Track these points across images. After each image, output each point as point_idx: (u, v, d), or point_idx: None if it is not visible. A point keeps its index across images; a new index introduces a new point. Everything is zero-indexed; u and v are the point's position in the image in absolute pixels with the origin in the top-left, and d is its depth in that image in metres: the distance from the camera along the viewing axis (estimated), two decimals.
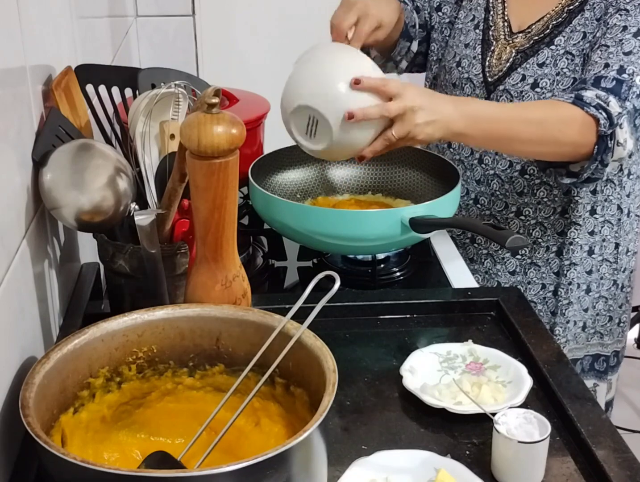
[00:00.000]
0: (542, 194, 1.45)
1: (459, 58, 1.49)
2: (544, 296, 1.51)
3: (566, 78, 1.37)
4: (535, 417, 0.91)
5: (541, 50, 1.40)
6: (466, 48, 1.48)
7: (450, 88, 1.50)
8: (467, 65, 1.48)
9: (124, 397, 0.90)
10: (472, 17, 1.50)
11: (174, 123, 1.07)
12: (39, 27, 1.07)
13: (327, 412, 0.74)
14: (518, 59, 1.42)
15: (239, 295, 0.97)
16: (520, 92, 1.41)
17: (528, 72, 1.40)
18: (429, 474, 0.88)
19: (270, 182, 1.50)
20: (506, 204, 1.47)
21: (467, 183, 1.51)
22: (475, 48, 1.47)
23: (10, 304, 0.88)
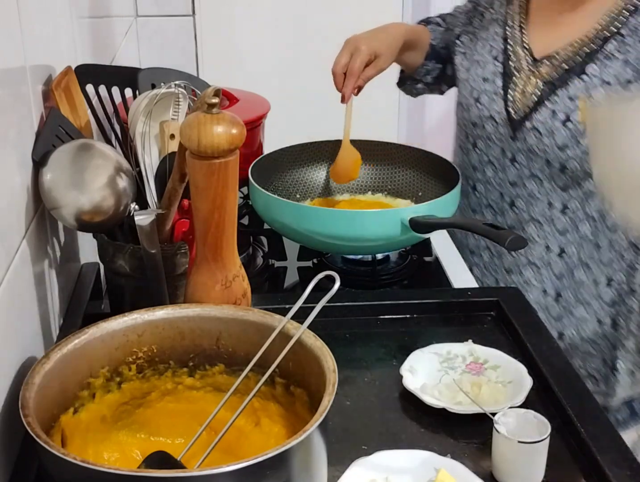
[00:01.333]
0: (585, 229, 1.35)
1: (477, 94, 1.40)
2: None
3: None
4: (535, 417, 0.91)
5: (571, 80, 1.29)
6: (485, 82, 1.39)
7: (470, 127, 1.43)
8: (487, 102, 1.38)
9: (124, 397, 0.90)
10: (490, 48, 1.41)
11: (174, 123, 1.07)
12: (39, 27, 1.07)
13: (327, 412, 0.74)
14: (545, 91, 1.31)
15: (239, 295, 0.97)
16: (550, 129, 1.30)
17: (558, 107, 1.29)
18: (429, 474, 0.88)
19: (270, 182, 1.50)
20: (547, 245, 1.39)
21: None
22: (494, 82, 1.37)
23: (10, 304, 0.88)
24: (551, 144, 1.31)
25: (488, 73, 1.39)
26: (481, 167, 1.43)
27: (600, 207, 1.33)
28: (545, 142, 1.31)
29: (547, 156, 1.32)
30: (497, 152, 1.39)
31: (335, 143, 1.56)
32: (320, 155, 1.57)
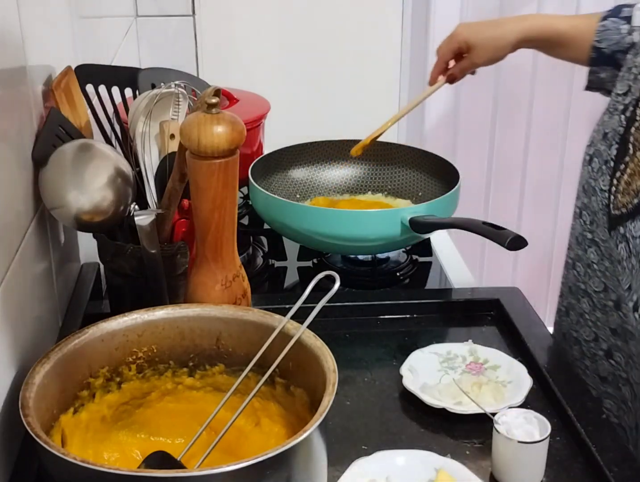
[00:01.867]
0: None
1: (593, 151, 1.06)
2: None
3: None
4: (535, 417, 0.91)
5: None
6: (603, 140, 1.03)
7: (580, 188, 1.10)
8: (596, 169, 1.04)
9: (124, 397, 0.90)
10: (628, 89, 1.02)
11: (174, 123, 1.07)
12: (39, 27, 1.07)
13: (327, 412, 0.74)
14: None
15: (239, 295, 0.97)
16: (637, 251, 0.97)
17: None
18: (429, 474, 0.88)
19: (270, 182, 1.50)
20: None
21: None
22: (611, 146, 1.02)
23: (10, 304, 0.88)
24: (637, 268, 0.98)
25: (610, 128, 1.03)
26: (584, 244, 1.11)
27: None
28: (632, 263, 0.98)
29: (632, 281, 1.00)
30: (603, 236, 1.05)
31: (335, 143, 1.56)
32: (320, 155, 1.57)
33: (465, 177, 1.45)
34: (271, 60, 2.29)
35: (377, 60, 2.21)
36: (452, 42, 1.31)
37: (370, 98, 1.66)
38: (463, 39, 1.29)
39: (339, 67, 2.25)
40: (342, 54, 2.24)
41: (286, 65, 2.29)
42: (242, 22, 2.27)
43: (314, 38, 2.28)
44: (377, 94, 1.77)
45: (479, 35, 1.28)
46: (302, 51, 2.28)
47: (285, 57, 2.29)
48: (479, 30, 1.29)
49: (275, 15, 2.28)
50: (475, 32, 1.29)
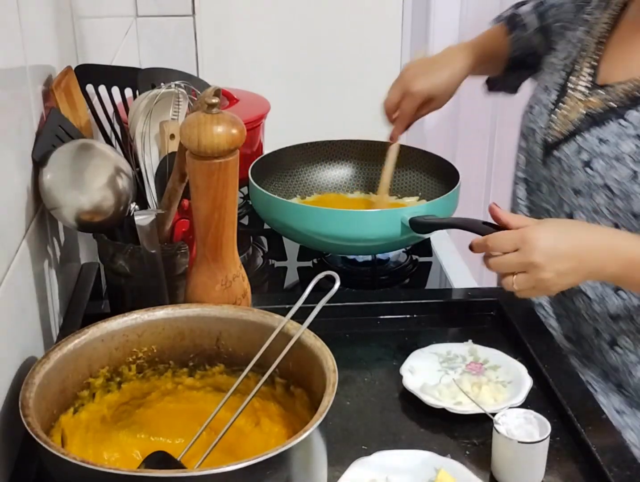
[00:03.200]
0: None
1: (534, 102, 1.26)
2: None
3: (625, 168, 1.09)
4: (535, 417, 0.91)
5: (609, 121, 1.13)
6: (544, 92, 1.25)
7: (520, 136, 1.29)
8: (537, 113, 1.24)
9: (124, 397, 0.90)
10: (567, 54, 1.25)
11: (174, 123, 1.07)
12: (39, 27, 1.07)
13: (327, 412, 0.74)
14: (585, 123, 1.16)
15: (239, 295, 0.97)
16: (570, 167, 1.16)
17: (586, 145, 1.14)
18: (429, 474, 0.88)
19: (270, 182, 1.50)
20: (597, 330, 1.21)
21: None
22: (550, 94, 1.23)
23: (10, 304, 0.88)
24: (569, 183, 1.17)
25: (551, 82, 1.25)
26: (518, 183, 1.31)
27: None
28: (563, 179, 1.18)
29: (562, 195, 1.19)
30: (531, 173, 1.27)
31: (335, 143, 1.56)
32: (321, 155, 1.57)
33: (465, 177, 1.45)
34: (271, 60, 2.29)
35: (377, 61, 2.21)
36: (415, 100, 1.32)
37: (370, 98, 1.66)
38: (426, 94, 1.32)
39: (339, 67, 2.25)
40: (342, 54, 2.24)
41: (286, 65, 2.29)
42: (242, 22, 2.27)
43: (313, 38, 2.28)
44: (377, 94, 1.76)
45: (438, 84, 1.32)
46: (302, 51, 2.28)
47: (285, 57, 2.29)
48: (432, 76, 1.32)
49: (275, 16, 2.28)
50: (432, 80, 1.32)
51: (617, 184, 1.10)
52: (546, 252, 0.98)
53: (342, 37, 2.25)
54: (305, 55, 2.29)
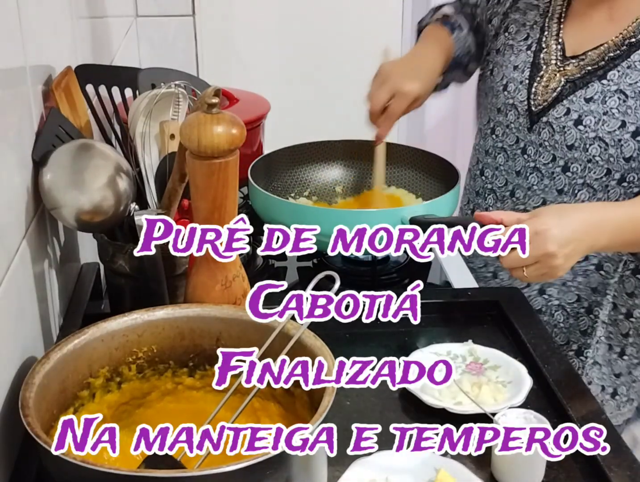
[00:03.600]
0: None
1: (506, 81, 1.39)
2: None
3: (613, 119, 1.25)
4: (535, 417, 0.91)
5: (591, 83, 1.28)
6: (515, 70, 1.38)
7: (495, 113, 1.41)
8: (513, 90, 1.37)
9: (124, 397, 0.90)
10: (527, 35, 1.39)
11: (174, 123, 1.07)
12: (39, 27, 1.07)
13: (327, 412, 0.74)
14: (566, 89, 1.30)
15: (239, 295, 0.97)
16: (562, 127, 1.30)
17: (574, 106, 1.29)
18: (429, 474, 0.88)
19: (270, 182, 1.50)
20: (579, 297, 1.38)
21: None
22: (523, 71, 1.37)
23: (10, 304, 0.88)
24: (561, 141, 1.31)
25: (520, 61, 1.38)
26: (494, 153, 1.43)
27: None
28: (555, 139, 1.31)
29: (555, 153, 1.32)
30: (512, 141, 1.39)
31: (335, 143, 1.56)
32: (321, 156, 1.56)
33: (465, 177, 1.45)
34: (271, 60, 2.29)
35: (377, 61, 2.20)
36: (406, 100, 1.34)
37: None
38: (416, 93, 1.34)
39: (339, 67, 2.25)
40: (342, 54, 2.25)
41: (286, 65, 2.29)
42: (242, 22, 2.27)
43: (314, 38, 2.28)
44: None
45: (423, 84, 1.36)
46: (302, 51, 2.28)
47: (285, 57, 2.29)
48: (417, 76, 1.36)
49: (275, 16, 2.28)
50: (421, 84, 1.35)
51: (609, 135, 1.26)
52: (556, 240, 1.03)
53: (342, 37, 2.25)
54: (305, 55, 2.29)
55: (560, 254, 1.03)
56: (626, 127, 1.24)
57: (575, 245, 1.05)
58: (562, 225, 1.04)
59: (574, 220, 1.06)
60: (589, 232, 1.07)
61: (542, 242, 1.02)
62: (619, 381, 1.41)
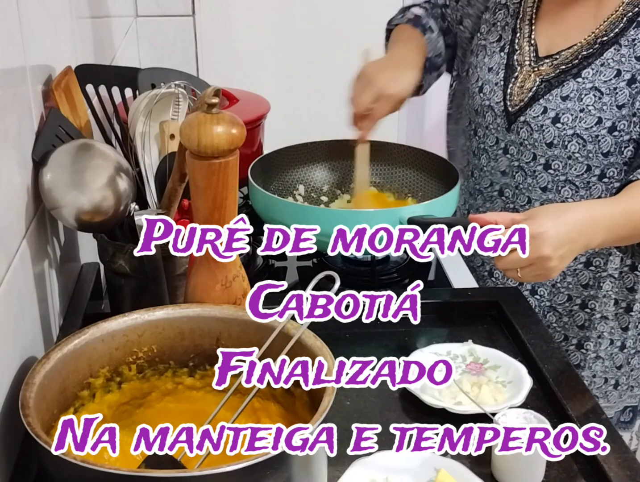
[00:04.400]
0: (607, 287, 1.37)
1: (481, 83, 1.40)
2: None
3: (590, 116, 1.27)
4: (535, 417, 0.91)
5: (567, 81, 1.29)
6: (489, 72, 1.39)
7: (473, 114, 1.43)
8: (488, 92, 1.39)
9: (124, 397, 0.90)
10: (499, 37, 1.40)
11: (174, 123, 1.07)
12: (39, 27, 1.07)
13: (327, 412, 0.74)
14: (542, 89, 1.32)
15: (239, 295, 0.97)
16: (540, 125, 1.31)
17: (550, 105, 1.30)
18: (429, 474, 0.88)
19: (270, 182, 1.50)
20: (569, 296, 1.39)
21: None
22: (498, 73, 1.38)
23: (10, 304, 0.88)
24: (540, 139, 1.32)
25: (494, 63, 1.39)
26: (478, 154, 1.44)
27: None
28: (534, 137, 1.33)
29: (535, 151, 1.33)
30: (492, 142, 1.40)
31: (334, 143, 1.56)
32: (320, 155, 1.56)
33: None
34: (271, 60, 2.29)
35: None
36: (390, 102, 1.34)
37: None
38: (401, 96, 1.35)
39: (339, 67, 2.25)
40: (342, 54, 2.24)
41: (286, 65, 2.29)
42: (242, 22, 2.27)
43: (314, 38, 2.28)
44: None
45: (404, 87, 1.36)
46: (302, 51, 2.28)
47: (285, 57, 2.29)
48: (398, 79, 1.36)
49: (275, 15, 2.28)
50: (405, 85, 1.36)
51: (586, 131, 1.27)
52: (552, 243, 1.03)
53: (342, 37, 2.25)
54: (306, 55, 2.29)
55: (555, 256, 1.03)
56: (602, 123, 1.26)
57: (570, 246, 1.05)
58: (557, 227, 1.04)
59: (569, 222, 1.06)
60: (583, 232, 1.07)
61: (538, 245, 1.02)
62: (620, 372, 1.42)
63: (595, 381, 1.43)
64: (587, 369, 1.42)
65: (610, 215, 1.12)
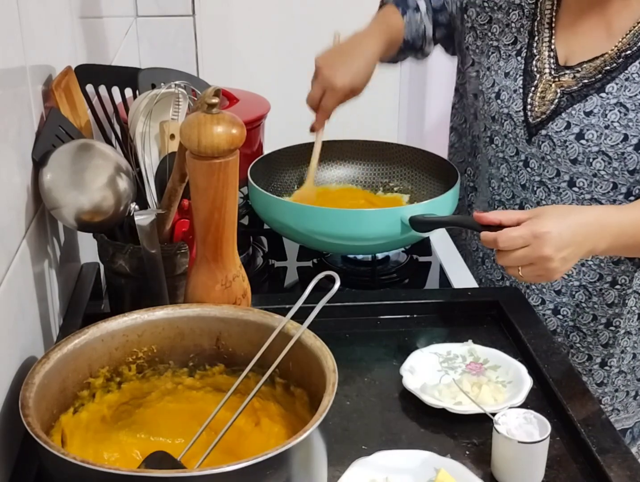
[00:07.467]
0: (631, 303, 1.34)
1: (498, 88, 1.34)
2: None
3: (616, 133, 1.22)
4: (535, 417, 0.91)
5: (590, 96, 1.24)
6: (506, 78, 1.33)
7: (489, 121, 1.36)
8: (507, 99, 1.32)
9: (124, 397, 0.90)
10: (514, 39, 1.33)
11: (174, 123, 1.07)
12: (39, 27, 1.07)
13: (327, 412, 0.74)
14: (564, 101, 1.26)
15: (239, 295, 0.97)
16: (564, 141, 1.26)
17: (573, 120, 1.25)
18: (429, 474, 0.88)
19: (270, 182, 1.50)
20: (594, 316, 1.35)
21: (543, 293, 1.37)
22: (516, 80, 1.32)
23: (10, 304, 0.88)
24: (563, 155, 1.27)
25: (510, 68, 1.33)
26: (496, 164, 1.38)
27: None
28: (557, 153, 1.28)
29: (558, 167, 1.28)
30: (512, 152, 1.35)
31: (335, 143, 1.56)
32: (321, 155, 1.56)
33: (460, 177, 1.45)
34: (271, 60, 2.29)
35: None
36: (337, 95, 1.34)
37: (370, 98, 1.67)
38: (348, 88, 1.34)
39: None
40: None
41: (286, 65, 2.29)
42: (242, 22, 2.27)
43: (313, 38, 2.27)
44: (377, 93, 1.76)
45: (357, 76, 1.35)
46: (302, 51, 2.27)
47: (285, 57, 2.29)
48: (350, 68, 1.34)
49: (275, 16, 2.28)
50: (351, 72, 1.34)
51: (612, 148, 1.23)
52: (554, 244, 1.02)
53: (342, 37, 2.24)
54: (306, 55, 2.28)
55: (556, 258, 1.03)
56: (629, 140, 1.22)
57: (574, 249, 1.05)
58: (561, 228, 1.03)
59: (575, 224, 1.06)
60: (589, 236, 1.06)
61: (539, 245, 1.02)
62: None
63: (617, 396, 1.40)
64: (609, 385, 1.39)
65: (619, 223, 1.11)
